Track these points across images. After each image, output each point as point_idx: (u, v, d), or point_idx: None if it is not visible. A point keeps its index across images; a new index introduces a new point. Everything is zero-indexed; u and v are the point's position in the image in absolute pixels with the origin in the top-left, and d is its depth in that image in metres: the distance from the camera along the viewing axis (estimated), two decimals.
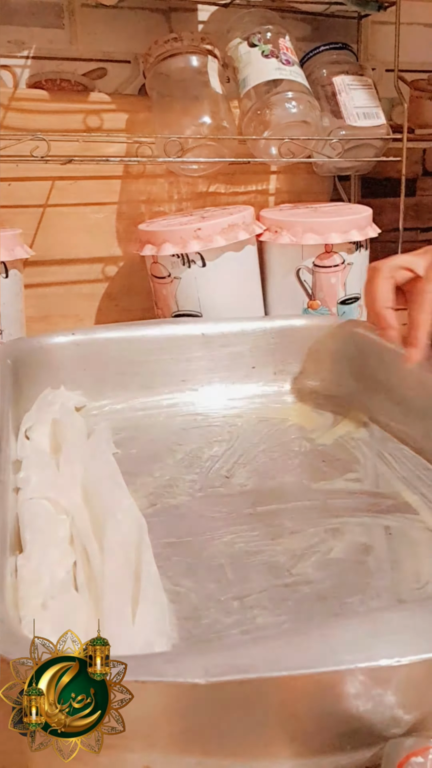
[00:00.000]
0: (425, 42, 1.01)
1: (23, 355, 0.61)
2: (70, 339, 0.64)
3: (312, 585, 0.40)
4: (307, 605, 0.39)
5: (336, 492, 0.51)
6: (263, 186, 0.90)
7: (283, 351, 0.68)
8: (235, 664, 0.23)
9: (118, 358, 0.65)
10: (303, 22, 0.94)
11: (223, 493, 0.51)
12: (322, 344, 0.68)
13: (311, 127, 0.79)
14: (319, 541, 0.45)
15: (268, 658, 0.23)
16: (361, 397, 0.64)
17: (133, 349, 0.65)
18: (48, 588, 0.35)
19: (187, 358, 0.66)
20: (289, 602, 0.39)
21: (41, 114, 0.78)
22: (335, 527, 0.46)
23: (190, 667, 0.23)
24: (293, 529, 0.46)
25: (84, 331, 0.66)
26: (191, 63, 0.78)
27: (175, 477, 0.53)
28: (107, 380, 0.64)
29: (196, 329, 0.67)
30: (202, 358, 0.67)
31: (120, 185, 0.84)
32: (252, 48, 0.79)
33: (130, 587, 0.36)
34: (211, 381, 0.67)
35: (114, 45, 0.86)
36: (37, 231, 0.81)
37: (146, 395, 0.65)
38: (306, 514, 0.48)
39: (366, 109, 0.83)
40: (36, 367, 0.61)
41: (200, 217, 0.76)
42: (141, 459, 0.56)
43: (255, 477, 0.53)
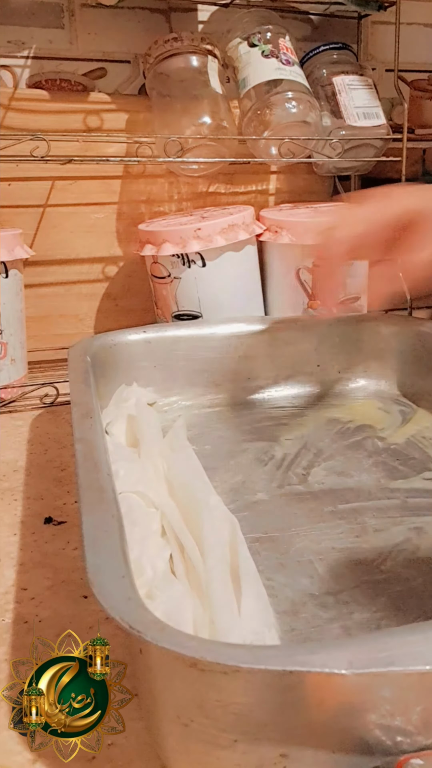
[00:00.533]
0: (425, 42, 1.01)
1: (99, 352, 0.62)
2: (141, 336, 0.65)
3: (404, 582, 0.41)
4: (401, 602, 0.39)
5: (415, 491, 0.51)
6: (263, 186, 0.90)
7: (348, 350, 0.68)
8: (379, 657, 0.24)
9: (187, 355, 0.66)
10: (303, 22, 0.94)
11: (302, 491, 0.51)
12: (387, 343, 0.68)
13: (311, 127, 0.79)
14: (404, 539, 0.45)
15: (409, 652, 0.24)
16: (429, 395, 0.65)
17: (201, 346, 0.67)
18: (151, 578, 0.36)
19: (253, 356, 0.67)
20: (383, 598, 0.39)
21: (41, 114, 0.78)
22: (419, 526, 0.46)
23: (335, 658, 0.24)
24: (377, 527, 0.46)
25: (155, 329, 0.67)
26: (191, 63, 0.78)
27: (252, 474, 0.54)
28: (177, 377, 0.66)
29: (262, 327, 0.68)
30: (269, 356, 0.67)
31: (120, 185, 0.84)
32: (252, 48, 0.79)
33: (230, 581, 0.36)
34: (276, 379, 0.68)
35: (114, 45, 0.86)
36: (37, 231, 0.81)
37: (214, 392, 0.67)
38: (387, 512, 0.48)
39: (366, 109, 0.83)
40: (110, 364, 0.63)
41: (200, 217, 0.76)
42: (216, 455, 0.57)
43: (332, 475, 0.53)
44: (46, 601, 0.40)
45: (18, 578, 0.43)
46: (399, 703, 0.25)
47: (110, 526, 0.32)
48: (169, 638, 0.24)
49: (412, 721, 0.25)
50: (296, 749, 0.26)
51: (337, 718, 0.25)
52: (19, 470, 0.57)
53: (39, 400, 0.70)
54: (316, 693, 0.24)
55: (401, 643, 0.24)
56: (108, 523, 0.33)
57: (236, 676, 0.24)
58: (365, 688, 0.24)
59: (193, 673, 0.24)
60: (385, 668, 0.23)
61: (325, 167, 0.88)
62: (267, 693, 0.24)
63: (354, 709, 0.25)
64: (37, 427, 0.65)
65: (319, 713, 0.25)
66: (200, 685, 0.24)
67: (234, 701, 0.25)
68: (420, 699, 0.25)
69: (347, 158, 0.84)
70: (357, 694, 0.25)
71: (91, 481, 0.37)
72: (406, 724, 0.25)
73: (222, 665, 0.23)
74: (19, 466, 0.58)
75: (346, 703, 0.25)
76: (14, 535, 0.47)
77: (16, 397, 0.70)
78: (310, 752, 0.26)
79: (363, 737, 0.25)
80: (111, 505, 0.35)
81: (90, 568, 0.28)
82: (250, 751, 0.25)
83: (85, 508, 0.34)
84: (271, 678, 0.24)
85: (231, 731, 0.25)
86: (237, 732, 0.25)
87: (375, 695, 0.25)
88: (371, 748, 0.26)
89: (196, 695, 0.25)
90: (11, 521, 0.49)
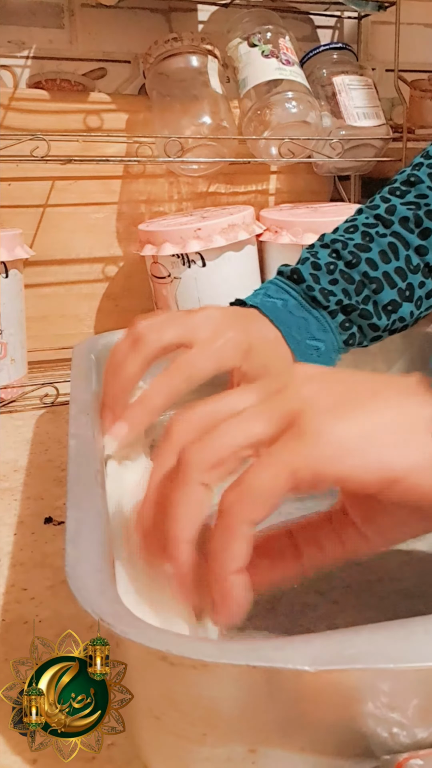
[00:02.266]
0: (425, 42, 1.01)
1: (104, 351, 0.61)
2: None
3: (397, 582, 0.40)
4: (392, 603, 0.39)
5: None
6: (263, 186, 0.90)
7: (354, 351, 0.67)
8: (344, 654, 0.23)
9: None
10: (303, 22, 0.94)
11: None
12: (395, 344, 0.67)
13: (311, 127, 0.79)
14: None
15: (374, 650, 0.24)
16: None
17: None
18: None
19: None
20: (373, 599, 0.39)
21: (41, 114, 0.78)
22: None
23: (300, 654, 0.23)
24: None
25: None
26: (191, 63, 0.78)
27: None
28: None
29: None
30: None
31: (120, 185, 0.84)
32: (252, 48, 0.79)
33: None
34: None
35: (114, 45, 0.86)
36: (37, 231, 0.81)
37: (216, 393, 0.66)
38: None
39: (366, 109, 0.83)
40: None
41: (200, 217, 0.76)
42: None
43: None
44: (46, 601, 0.40)
45: (18, 578, 0.43)
46: (367, 702, 0.25)
47: (94, 521, 0.32)
48: (138, 631, 0.25)
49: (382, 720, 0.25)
50: (265, 745, 0.25)
51: (306, 715, 0.25)
52: (19, 470, 0.57)
53: (39, 400, 0.70)
54: (282, 689, 0.24)
55: (367, 641, 0.24)
56: (92, 517, 0.33)
57: (205, 670, 0.24)
58: (330, 685, 0.24)
59: (163, 667, 0.24)
60: (348, 665, 0.23)
61: (325, 167, 0.88)
62: (234, 688, 0.24)
63: (322, 706, 0.25)
64: (37, 427, 0.65)
65: (287, 710, 0.25)
66: (171, 678, 0.24)
67: (203, 695, 0.25)
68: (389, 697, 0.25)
69: (347, 158, 0.84)
70: (323, 692, 0.24)
71: (80, 477, 0.37)
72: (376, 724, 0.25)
73: (190, 659, 0.23)
74: (19, 466, 0.58)
75: (313, 699, 0.25)
76: (14, 535, 0.47)
77: (16, 397, 0.70)
78: (279, 749, 0.25)
79: (332, 736, 0.25)
80: (97, 500, 0.34)
81: (68, 561, 0.29)
82: (220, 745, 0.25)
83: (70, 503, 0.34)
84: (238, 673, 0.24)
85: (200, 725, 0.25)
86: (206, 726, 0.25)
87: (342, 693, 0.24)
88: (341, 747, 0.26)
89: (167, 689, 0.25)
90: (11, 521, 0.49)
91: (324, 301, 0.51)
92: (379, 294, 0.52)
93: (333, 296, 0.52)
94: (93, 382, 0.53)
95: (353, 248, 0.53)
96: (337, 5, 0.87)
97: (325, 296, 0.51)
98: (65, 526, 0.32)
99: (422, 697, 0.25)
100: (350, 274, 0.52)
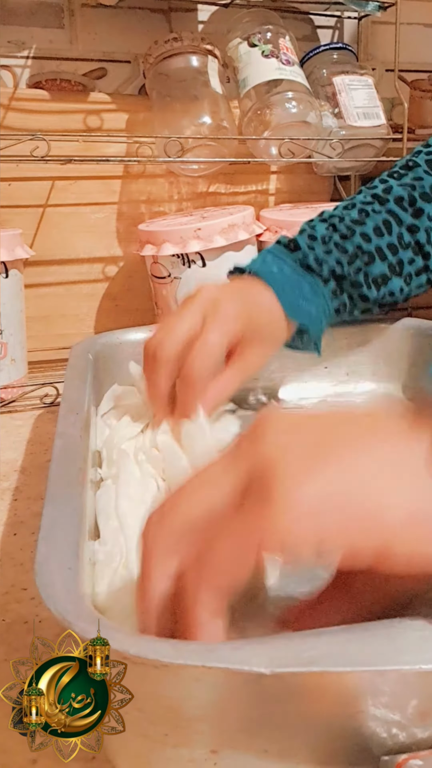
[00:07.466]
0: (425, 42, 1.01)
1: (102, 351, 0.61)
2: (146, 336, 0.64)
3: None
4: None
5: None
6: (263, 186, 0.90)
7: (356, 351, 0.67)
8: (301, 656, 0.23)
9: None
10: (303, 22, 0.94)
11: None
12: (396, 344, 0.67)
13: (311, 127, 0.79)
14: None
15: (332, 653, 0.23)
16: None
17: None
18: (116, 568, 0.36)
19: None
20: None
21: (41, 114, 0.78)
22: None
23: (257, 655, 0.23)
24: None
25: None
26: (191, 63, 0.78)
27: None
28: None
29: None
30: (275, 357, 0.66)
31: (120, 185, 0.84)
32: (252, 48, 0.79)
33: None
34: (282, 381, 0.66)
35: (114, 45, 0.86)
36: (37, 231, 0.81)
37: None
38: None
39: (366, 109, 0.83)
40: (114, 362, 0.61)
41: (200, 217, 0.76)
42: None
43: None
44: None
45: (18, 578, 0.43)
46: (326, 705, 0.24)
47: (69, 519, 0.32)
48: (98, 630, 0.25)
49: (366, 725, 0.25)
50: (227, 747, 0.25)
51: (267, 717, 0.25)
52: (19, 470, 0.57)
53: (39, 400, 0.70)
54: (241, 690, 0.24)
55: (327, 644, 0.24)
56: (68, 516, 0.33)
57: (166, 670, 0.23)
58: (287, 687, 0.24)
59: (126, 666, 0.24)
60: (305, 668, 0.23)
61: (325, 167, 0.88)
62: (194, 688, 0.24)
63: (281, 709, 0.24)
64: (37, 427, 0.65)
65: (248, 711, 0.24)
66: (133, 677, 0.24)
67: (164, 695, 0.24)
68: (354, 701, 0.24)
69: (347, 158, 0.84)
70: (281, 694, 0.24)
71: (61, 475, 0.37)
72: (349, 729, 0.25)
73: (147, 660, 0.23)
74: (19, 466, 0.58)
75: (272, 701, 0.24)
76: (14, 535, 0.47)
77: (16, 397, 0.70)
78: (241, 751, 0.25)
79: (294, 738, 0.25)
80: (75, 499, 0.34)
81: (38, 558, 0.29)
82: (181, 745, 0.25)
83: (48, 499, 0.34)
84: (197, 674, 0.23)
85: (162, 725, 0.25)
86: (168, 726, 0.25)
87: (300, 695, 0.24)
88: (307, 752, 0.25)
89: (130, 688, 0.25)
90: (11, 521, 0.49)
91: (317, 268, 0.54)
92: (370, 266, 0.55)
93: (326, 264, 0.54)
94: (88, 381, 0.53)
95: (349, 222, 0.56)
96: (337, 5, 0.87)
97: (318, 264, 0.54)
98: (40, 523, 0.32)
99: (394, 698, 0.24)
100: (344, 246, 0.55)
